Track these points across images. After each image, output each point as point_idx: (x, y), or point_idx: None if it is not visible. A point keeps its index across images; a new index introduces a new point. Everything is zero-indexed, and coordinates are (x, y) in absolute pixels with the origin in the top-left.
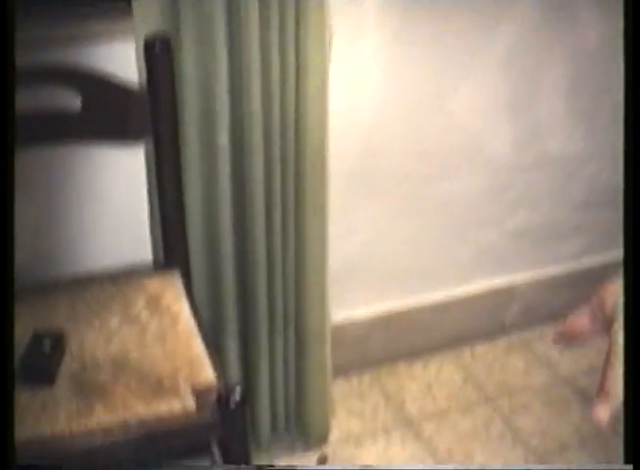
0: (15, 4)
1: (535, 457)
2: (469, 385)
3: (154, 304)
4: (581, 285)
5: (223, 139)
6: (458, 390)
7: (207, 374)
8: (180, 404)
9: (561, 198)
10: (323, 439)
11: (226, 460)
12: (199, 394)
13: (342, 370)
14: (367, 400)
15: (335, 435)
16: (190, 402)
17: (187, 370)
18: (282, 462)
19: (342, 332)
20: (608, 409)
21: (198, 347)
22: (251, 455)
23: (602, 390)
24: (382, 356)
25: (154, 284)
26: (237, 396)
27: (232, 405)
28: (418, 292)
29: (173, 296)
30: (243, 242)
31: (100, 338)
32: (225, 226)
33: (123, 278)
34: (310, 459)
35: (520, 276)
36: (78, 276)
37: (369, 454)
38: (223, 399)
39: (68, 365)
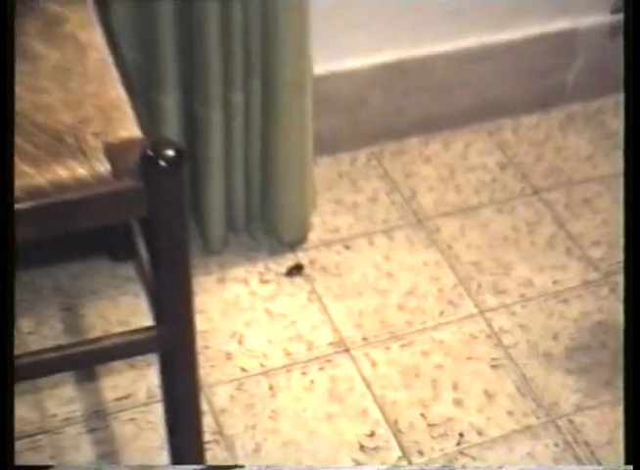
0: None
1: (599, 273)
2: (508, 171)
3: (52, 30)
4: None
5: None
6: (492, 178)
7: (128, 127)
8: (88, 168)
9: None
10: (298, 241)
11: (154, 253)
12: (115, 153)
13: (328, 145)
14: (362, 189)
15: (315, 235)
16: (102, 165)
17: (99, 122)
18: (239, 272)
19: (328, 91)
20: None
21: (115, 90)
22: (192, 263)
23: None
24: (384, 127)
25: (53, 4)
26: (169, 152)
27: (162, 164)
28: (438, 35)
29: (81, 20)
30: None
31: None
32: None
33: None
34: (279, 269)
35: (586, 20)
36: None
37: (362, 262)
38: (149, 158)
39: None
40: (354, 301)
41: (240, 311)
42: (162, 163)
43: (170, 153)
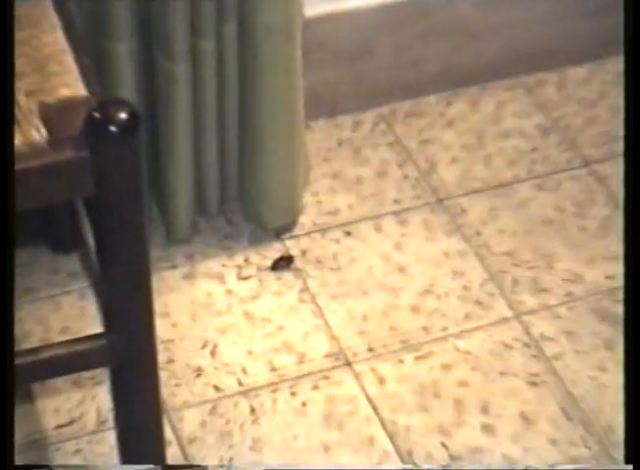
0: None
1: None
2: (552, 138)
3: None
4: None
5: None
6: (532, 146)
7: (70, 83)
8: (19, 135)
9: None
10: (286, 226)
11: (103, 242)
12: (53, 116)
13: (325, 105)
14: (368, 160)
15: (308, 219)
16: (37, 131)
17: (33, 78)
18: (212, 266)
19: (324, 37)
20: None
21: (54, 37)
22: (152, 255)
23: None
24: (395, 83)
25: None
26: (122, 115)
27: (112, 130)
28: None
29: None
30: None
31: None
32: None
33: None
34: (262, 261)
35: None
36: None
37: (367, 252)
38: (97, 121)
39: None
40: (357, 301)
41: (213, 315)
42: (113, 128)
43: (123, 115)
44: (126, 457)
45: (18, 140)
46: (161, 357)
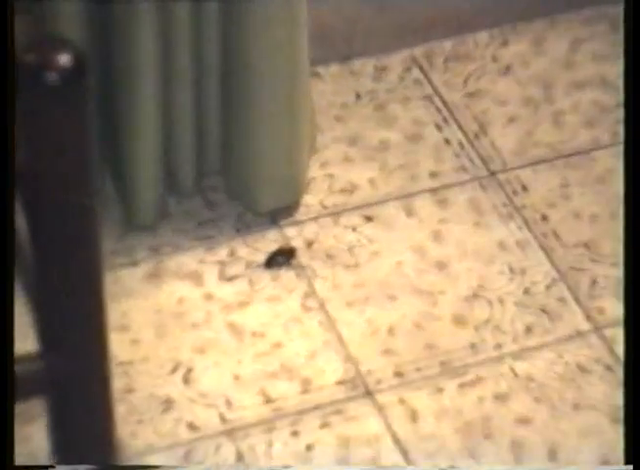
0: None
1: None
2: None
3: None
4: None
5: None
6: (617, 101)
7: None
8: None
9: None
10: (286, 209)
11: (39, 232)
12: None
13: (339, 45)
14: (396, 119)
15: (315, 198)
16: None
17: None
18: (186, 262)
19: None
20: None
21: None
22: (106, 247)
23: None
24: (432, 14)
25: None
26: (64, 59)
27: (51, 78)
28: None
29: None
30: None
31: None
32: None
33: None
34: (254, 256)
35: None
36: None
37: (393, 243)
38: (30, 67)
39: None
40: (381, 309)
41: (187, 328)
42: (52, 76)
43: (65, 60)
44: None
45: None
46: (118, 385)
